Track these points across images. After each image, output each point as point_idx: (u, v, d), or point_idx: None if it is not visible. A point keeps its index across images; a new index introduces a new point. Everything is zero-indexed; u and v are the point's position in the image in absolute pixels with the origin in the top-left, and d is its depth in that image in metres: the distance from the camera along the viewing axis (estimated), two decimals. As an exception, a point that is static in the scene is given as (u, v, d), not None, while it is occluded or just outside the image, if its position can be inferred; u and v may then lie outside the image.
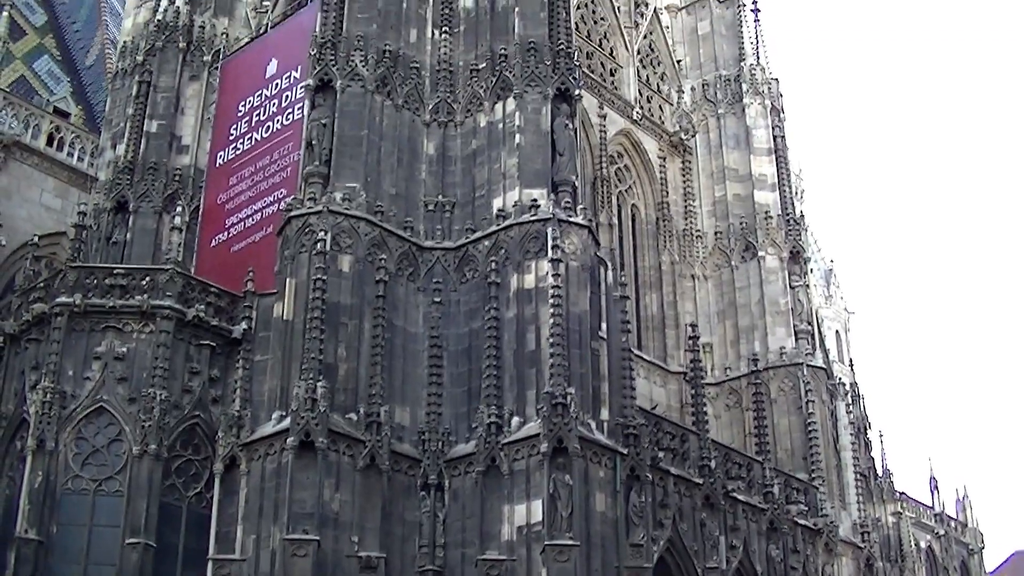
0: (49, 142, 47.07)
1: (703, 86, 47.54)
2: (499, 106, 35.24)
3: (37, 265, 36.48)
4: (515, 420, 30.88)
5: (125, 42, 44.71)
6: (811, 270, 56.03)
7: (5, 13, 49.72)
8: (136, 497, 30.29)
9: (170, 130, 40.80)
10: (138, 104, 41.00)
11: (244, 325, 32.89)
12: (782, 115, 47.55)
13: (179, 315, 32.45)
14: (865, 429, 58.59)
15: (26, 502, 30.06)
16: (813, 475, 39.98)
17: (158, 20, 42.49)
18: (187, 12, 42.57)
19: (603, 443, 31.00)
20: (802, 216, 47.88)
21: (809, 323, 43.79)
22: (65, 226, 43.92)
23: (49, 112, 48.39)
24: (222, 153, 39.52)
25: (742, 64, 47.34)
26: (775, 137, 46.39)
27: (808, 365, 42.10)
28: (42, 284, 33.66)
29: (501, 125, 34.96)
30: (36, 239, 39.28)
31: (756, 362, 40.77)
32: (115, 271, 33.53)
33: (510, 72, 35.28)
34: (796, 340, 42.69)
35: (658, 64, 47.24)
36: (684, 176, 45.46)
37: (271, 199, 36.69)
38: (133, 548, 29.68)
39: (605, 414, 31.80)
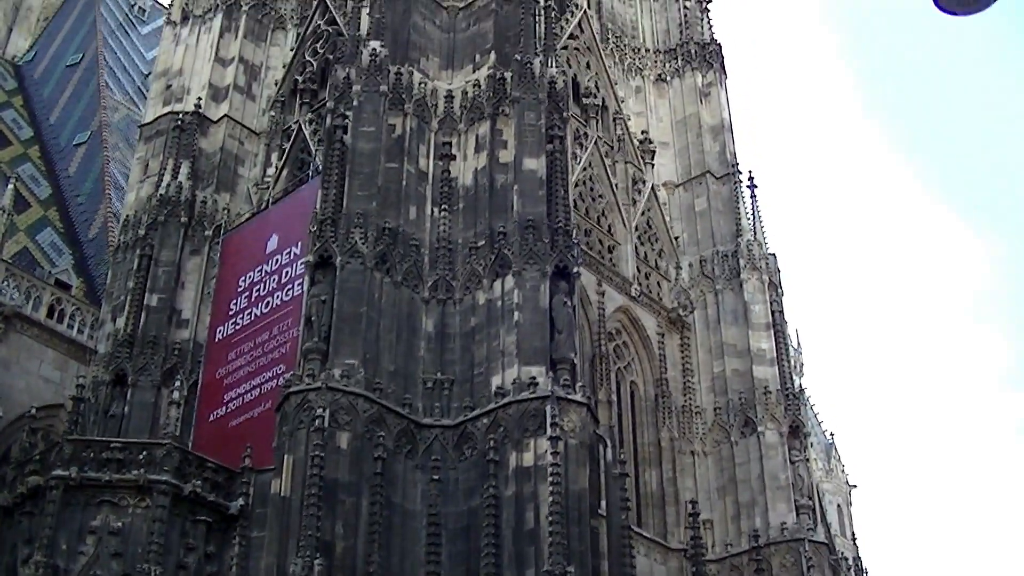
0: (50, 314, 47.20)
1: (701, 262, 47.60)
2: (498, 283, 35.48)
3: (34, 437, 36.39)
4: (514, 599, 30.50)
5: (127, 216, 45.07)
6: (811, 444, 55.87)
7: (10, 186, 50.27)
8: (128, 678, 29.90)
9: (170, 304, 40.91)
10: (139, 277, 41.15)
11: (241, 501, 32.84)
12: (780, 290, 47.64)
13: (176, 490, 32.36)
14: (869, 603, 57.92)
15: None
16: (818, 651, 39.47)
17: (160, 194, 42.88)
18: (189, 187, 43.04)
19: (603, 622, 30.64)
20: (801, 390, 47.89)
21: (810, 498, 43.41)
22: (63, 398, 43.80)
23: (50, 284, 48.61)
24: (222, 328, 39.67)
25: (739, 240, 47.50)
26: (773, 312, 46.41)
27: (810, 540, 41.56)
28: (38, 456, 33.62)
29: (500, 302, 35.15)
30: (34, 411, 39.21)
31: (757, 538, 40.35)
32: (112, 444, 33.49)
33: (509, 250, 35.56)
34: (797, 515, 42.23)
35: (656, 240, 47.50)
36: (683, 352, 45.41)
37: (270, 375, 36.76)
38: None
39: (606, 592, 31.48)
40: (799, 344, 73.55)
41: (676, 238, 48.25)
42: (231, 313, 39.65)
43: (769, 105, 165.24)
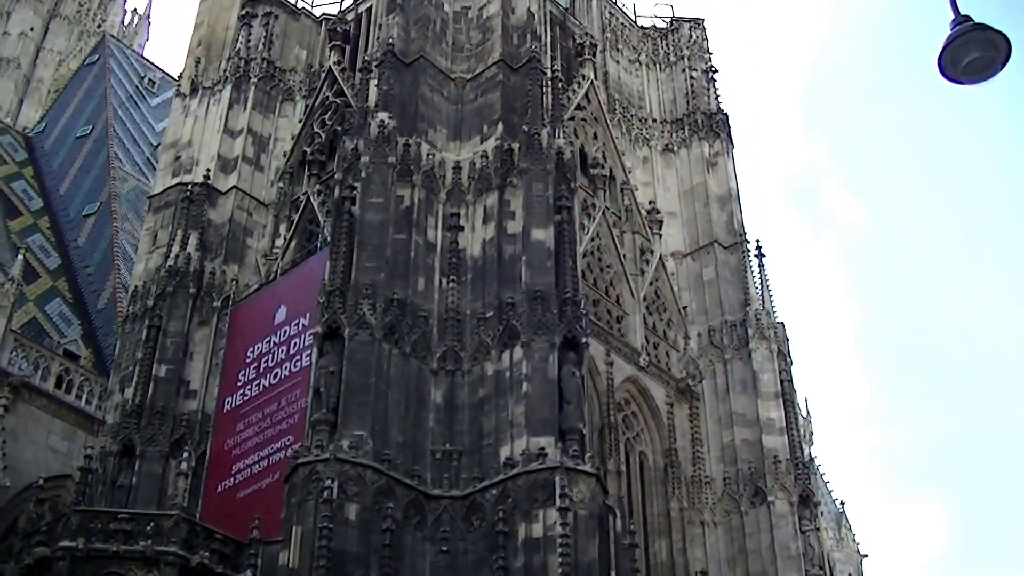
0: (58, 384, 47.31)
1: (709, 331, 47.48)
2: (506, 354, 35.45)
3: (41, 508, 36.48)
4: (524, 671, 30.28)
5: (136, 286, 45.20)
6: (822, 513, 55.54)
7: (20, 256, 50.48)
8: None
9: (178, 375, 41.01)
10: (147, 348, 41.26)
11: (249, 573, 32.59)
12: (788, 358, 47.53)
13: (183, 561, 32.26)
14: (881, 674, 57.54)
15: None
16: None
17: (169, 266, 43.08)
18: (198, 258, 43.24)
19: None
20: (811, 459, 47.64)
21: (821, 567, 43.12)
22: (71, 469, 43.80)
23: (59, 354, 48.73)
24: (230, 399, 39.69)
25: (747, 309, 47.38)
26: (782, 381, 46.25)
27: (822, 611, 41.45)
28: (45, 527, 33.53)
29: (508, 373, 35.11)
30: (41, 481, 39.30)
31: (769, 608, 40.19)
32: (120, 515, 33.42)
33: (517, 321, 35.57)
34: (808, 585, 42.04)
35: (664, 310, 47.41)
36: (692, 422, 45.17)
37: (278, 446, 36.72)
38: None
39: (616, 664, 31.25)
40: (808, 413, 73.15)
41: (684, 308, 48.13)
42: (239, 384, 39.67)
43: (776, 173, 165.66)
